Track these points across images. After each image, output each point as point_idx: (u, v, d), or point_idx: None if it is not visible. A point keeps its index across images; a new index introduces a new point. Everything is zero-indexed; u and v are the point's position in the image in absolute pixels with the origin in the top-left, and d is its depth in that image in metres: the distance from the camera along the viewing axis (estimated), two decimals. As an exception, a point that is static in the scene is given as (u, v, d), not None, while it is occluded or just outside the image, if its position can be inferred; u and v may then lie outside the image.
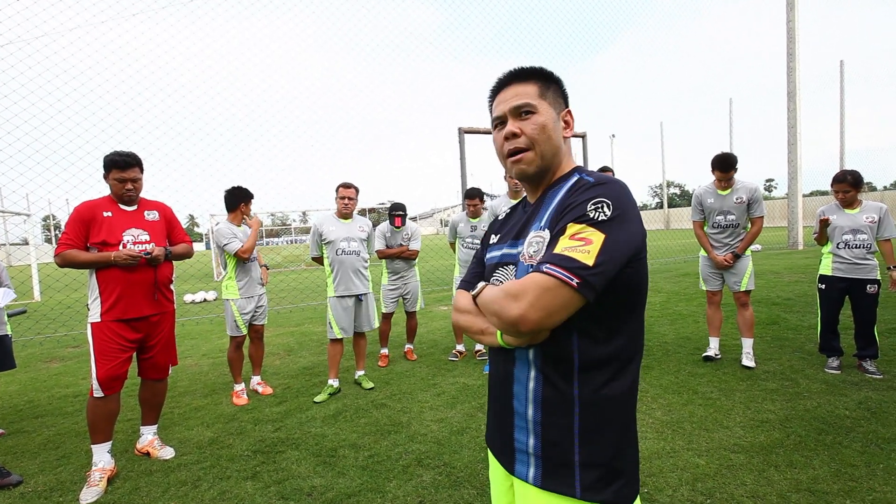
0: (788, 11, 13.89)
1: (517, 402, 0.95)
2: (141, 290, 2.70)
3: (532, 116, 0.97)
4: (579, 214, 0.85)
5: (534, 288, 0.80)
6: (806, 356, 4.07)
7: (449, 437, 2.93)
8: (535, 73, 1.01)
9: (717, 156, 3.86)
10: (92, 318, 2.64)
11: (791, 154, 14.24)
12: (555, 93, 1.02)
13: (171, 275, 2.91)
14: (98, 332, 2.62)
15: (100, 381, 2.59)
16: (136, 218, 2.77)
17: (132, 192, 2.73)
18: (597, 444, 0.88)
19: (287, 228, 39.61)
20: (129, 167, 2.69)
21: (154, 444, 2.93)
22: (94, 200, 2.72)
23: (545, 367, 0.91)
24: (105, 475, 2.57)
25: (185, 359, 5.30)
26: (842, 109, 26.19)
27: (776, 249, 13.90)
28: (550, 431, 0.90)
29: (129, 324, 2.68)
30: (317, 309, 8.47)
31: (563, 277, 0.79)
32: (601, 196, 0.85)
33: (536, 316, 0.80)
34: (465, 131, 8.61)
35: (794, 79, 13.89)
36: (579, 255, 0.80)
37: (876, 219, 3.59)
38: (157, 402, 3.00)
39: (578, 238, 0.82)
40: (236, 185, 3.94)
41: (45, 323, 7.96)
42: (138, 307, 2.70)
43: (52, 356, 5.82)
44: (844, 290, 3.71)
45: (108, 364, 2.60)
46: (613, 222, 0.83)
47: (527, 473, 0.93)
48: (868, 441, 2.58)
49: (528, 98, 0.98)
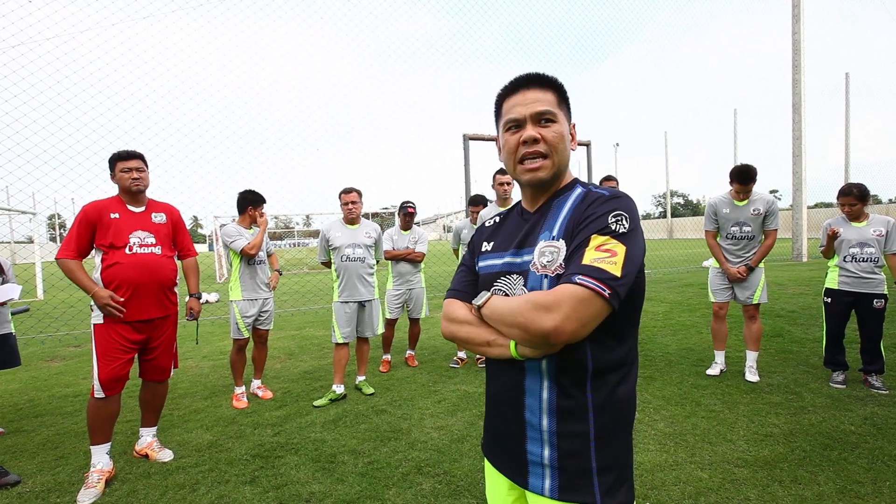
0: (794, 24, 13.93)
1: (530, 414, 0.94)
2: (146, 292, 2.70)
3: (553, 125, 0.97)
4: (602, 226, 0.87)
5: (569, 299, 0.80)
6: (810, 370, 4.03)
7: (449, 444, 2.91)
8: (554, 82, 1.01)
9: (737, 167, 3.77)
10: (95, 318, 2.64)
11: (796, 166, 14.22)
12: (566, 105, 1.03)
13: (175, 277, 2.90)
14: (101, 333, 2.62)
15: (101, 383, 2.58)
16: (143, 220, 2.78)
17: (139, 182, 2.74)
18: (611, 448, 0.91)
19: (290, 231, 39.75)
20: (132, 157, 2.75)
21: (153, 446, 2.92)
22: (102, 201, 2.73)
23: (559, 377, 0.91)
24: (103, 476, 2.56)
25: (186, 360, 5.30)
26: (847, 121, 26.18)
27: (780, 261, 13.83)
28: (567, 441, 0.91)
29: (132, 325, 2.68)
30: (318, 313, 8.46)
31: (596, 288, 0.80)
32: (620, 209, 0.88)
33: (572, 327, 0.80)
34: (469, 138, 8.63)
35: (800, 91, 13.90)
36: (608, 265, 0.82)
37: (884, 232, 3.57)
38: (157, 404, 2.99)
39: (604, 249, 0.84)
40: (248, 189, 3.95)
41: (48, 322, 7.97)
42: (143, 309, 2.69)
43: (53, 355, 5.82)
44: (851, 304, 3.68)
45: (111, 365, 2.59)
46: (631, 235, 0.87)
47: (542, 486, 0.93)
48: (874, 458, 2.54)
49: (549, 105, 0.98)
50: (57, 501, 2.44)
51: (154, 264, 2.74)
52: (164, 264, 2.79)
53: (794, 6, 13.93)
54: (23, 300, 10.54)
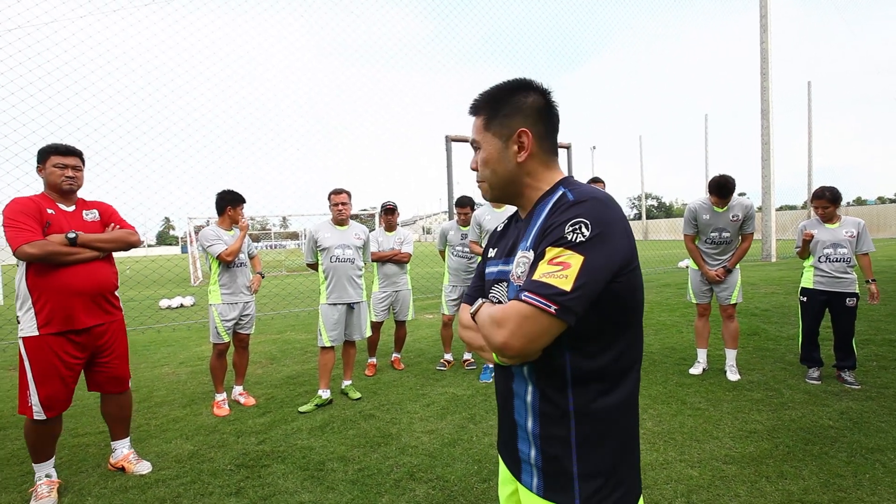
0: (762, 34, 14.49)
1: (518, 416, 0.99)
2: (84, 298, 2.44)
3: (478, 152, 1.03)
4: (557, 237, 0.84)
5: (514, 316, 0.82)
6: (787, 366, 4.16)
7: (441, 449, 2.87)
8: (481, 104, 1.02)
9: (716, 180, 3.78)
10: (25, 331, 2.35)
11: (765, 170, 14.76)
12: (504, 118, 0.98)
13: (115, 280, 2.66)
14: (34, 349, 2.35)
15: (43, 403, 2.35)
16: (75, 219, 2.52)
17: (72, 182, 2.48)
18: (595, 456, 0.90)
19: (267, 233, 38.93)
20: (70, 154, 2.50)
21: (129, 458, 2.76)
22: (31, 196, 2.44)
23: (540, 382, 0.93)
24: (54, 486, 2.43)
25: (162, 367, 5.09)
26: (809, 128, 27.39)
27: (750, 262, 14.32)
28: (549, 443, 0.92)
29: (68, 337, 2.42)
30: (299, 316, 8.28)
31: (540, 305, 0.79)
32: (580, 216, 0.84)
33: (518, 343, 0.82)
34: (452, 139, 8.63)
35: (767, 97, 14.45)
36: (556, 280, 0.80)
37: (855, 233, 3.72)
38: (124, 415, 2.80)
39: (556, 262, 0.82)
40: (226, 189, 3.83)
41: (9, 329, 7.55)
42: (78, 318, 2.42)
43: (14, 363, 5.50)
44: (825, 302, 3.82)
45: (51, 385, 2.36)
46: (592, 242, 0.81)
47: (531, 483, 0.96)
48: (853, 451, 2.63)
49: (475, 133, 1.03)
50: (25, 520, 2.29)
51: (88, 268, 2.47)
52: (99, 267, 2.53)
53: (762, 17, 14.49)
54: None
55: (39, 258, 2.30)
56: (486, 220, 4.18)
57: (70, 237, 2.39)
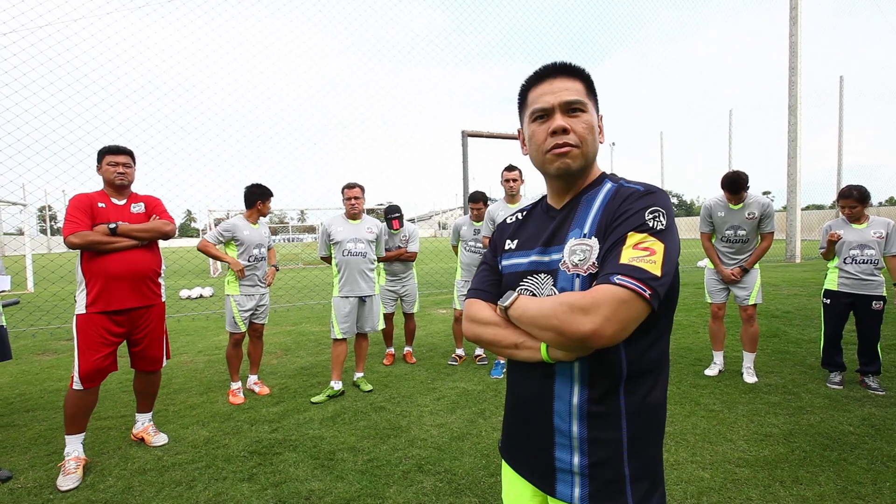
0: (791, 26, 14.00)
1: (559, 420, 0.90)
2: (125, 282, 2.70)
3: (582, 115, 0.93)
4: (638, 223, 0.83)
5: (609, 301, 0.76)
6: (807, 370, 4.05)
7: (449, 442, 2.89)
8: (582, 72, 0.97)
9: (727, 176, 3.70)
10: (78, 309, 2.65)
11: (791, 167, 14.31)
12: (595, 96, 0.99)
13: (157, 267, 2.90)
14: (82, 324, 2.63)
15: (81, 375, 2.59)
16: (123, 212, 2.80)
17: (123, 178, 2.77)
18: (644, 455, 0.88)
19: (285, 227, 39.49)
20: (120, 153, 2.79)
21: (149, 430, 3.03)
22: (88, 193, 2.76)
23: (592, 380, 0.87)
24: (80, 464, 2.60)
25: (181, 355, 5.23)
26: (840, 124, 26.36)
27: (773, 262, 13.93)
28: (598, 447, 0.87)
29: (111, 316, 2.68)
30: (314, 308, 8.40)
31: (636, 289, 0.76)
32: (657, 205, 0.85)
33: (612, 330, 0.76)
34: (468, 134, 8.60)
35: (796, 93, 13.98)
36: (646, 264, 0.78)
37: (884, 234, 3.58)
38: (151, 391, 3.07)
39: (643, 248, 0.80)
40: (255, 183, 3.92)
41: (39, 315, 7.86)
42: (121, 299, 2.69)
43: (44, 348, 5.73)
44: (849, 305, 3.69)
45: (91, 357, 2.61)
46: (668, 231, 0.84)
47: (571, 494, 0.89)
48: (873, 458, 2.55)
49: (578, 94, 0.93)
50: (50, 497, 2.39)
51: (128, 255, 2.73)
52: (139, 254, 2.78)
53: (792, 8, 14.00)
54: (13, 293, 10.38)
55: (81, 246, 2.60)
56: (499, 216, 4.16)
57: (111, 227, 2.68)
